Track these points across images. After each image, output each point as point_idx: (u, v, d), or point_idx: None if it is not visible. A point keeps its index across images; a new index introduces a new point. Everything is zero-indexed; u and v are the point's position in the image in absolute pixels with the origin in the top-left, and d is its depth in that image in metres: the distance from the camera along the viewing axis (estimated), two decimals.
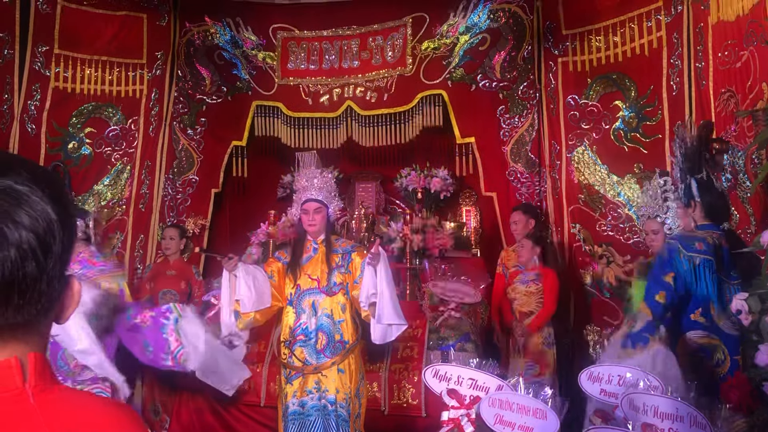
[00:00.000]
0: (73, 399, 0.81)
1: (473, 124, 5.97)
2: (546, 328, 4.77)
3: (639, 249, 5.17)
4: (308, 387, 3.61)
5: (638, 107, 5.23)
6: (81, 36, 6.01)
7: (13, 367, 0.74)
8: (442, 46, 6.04)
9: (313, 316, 3.66)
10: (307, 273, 3.73)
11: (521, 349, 4.75)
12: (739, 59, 4.07)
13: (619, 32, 5.34)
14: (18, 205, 0.72)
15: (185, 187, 6.23)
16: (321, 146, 6.25)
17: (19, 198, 0.73)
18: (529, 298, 4.79)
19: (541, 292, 4.76)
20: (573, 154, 5.56)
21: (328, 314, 3.66)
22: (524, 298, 4.80)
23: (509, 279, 4.98)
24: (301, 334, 3.66)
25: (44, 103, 5.84)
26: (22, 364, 0.75)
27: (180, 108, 6.31)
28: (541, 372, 4.61)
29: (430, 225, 5.66)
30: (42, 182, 0.75)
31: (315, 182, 3.80)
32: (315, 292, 3.70)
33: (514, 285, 4.88)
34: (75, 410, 0.78)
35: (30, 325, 0.77)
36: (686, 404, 2.35)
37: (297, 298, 3.72)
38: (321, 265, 3.74)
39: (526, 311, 4.78)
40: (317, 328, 3.65)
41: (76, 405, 0.80)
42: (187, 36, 6.37)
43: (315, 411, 3.57)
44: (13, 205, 0.72)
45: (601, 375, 2.91)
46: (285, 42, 6.39)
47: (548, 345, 4.75)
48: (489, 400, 2.61)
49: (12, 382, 0.74)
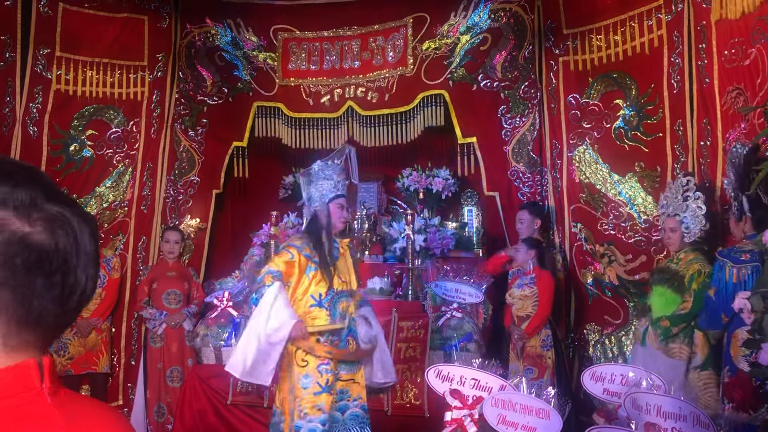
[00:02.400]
0: (79, 401, 0.83)
1: (475, 124, 5.97)
2: (544, 331, 4.78)
3: (640, 248, 5.17)
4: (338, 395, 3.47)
5: (639, 106, 5.23)
6: (82, 38, 6.01)
7: (32, 367, 0.77)
8: (443, 46, 6.04)
9: (344, 320, 3.53)
10: (338, 274, 3.58)
11: (519, 353, 4.75)
12: (747, 57, 4.07)
13: (619, 31, 5.34)
14: (85, 223, 0.80)
15: (186, 188, 6.24)
16: (322, 147, 6.25)
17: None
18: (525, 302, 4.79)
19: (537, 296, 4.77)
20: (574, 153, 5.56)
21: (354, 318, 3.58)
22: (520, 302, 4.81)
23: (509, 284, 5.00)
24: (337, 340, 3.51)
25: (46, 105, 5.84)
26: (39, 365, 0.78)
27: (181, 109, 6.32)
28: (539, 375, 4.61)
29: (431, 225, 5.67)
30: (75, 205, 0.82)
31: (342, 178, 3.70)
32: (346, 295, 3.58)
33: (512, 290, 4.90)
34: (84, 411, 0.82)
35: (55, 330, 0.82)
36: (689, 403, 2.36)
37: (330, 300, 3.52)
38: (347, 265, 3.67)
39: (523, 315, 4.79)
40: (348, 332, 3.53)
41: (83, 406, 0.83)
42: (188, 37, 6.37)
43: (352, 420, 3.45)
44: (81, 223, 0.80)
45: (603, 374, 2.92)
46: (286, 43, 6.39)
47: (546, 347, 4.76)
48: (492, 400, 2.62)
49: (32, 382, 0.77)
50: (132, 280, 5.93)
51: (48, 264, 0.76)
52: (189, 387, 4.86)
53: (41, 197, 0.77)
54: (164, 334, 5.31)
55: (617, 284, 5.26)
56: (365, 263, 5.70)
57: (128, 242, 6.01)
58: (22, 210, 0.75)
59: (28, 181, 0.77)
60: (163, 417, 5.29)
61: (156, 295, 5.42)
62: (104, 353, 5.54)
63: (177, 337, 5.33)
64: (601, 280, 5.35)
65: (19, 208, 0.75)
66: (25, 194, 0.76)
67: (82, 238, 0.79)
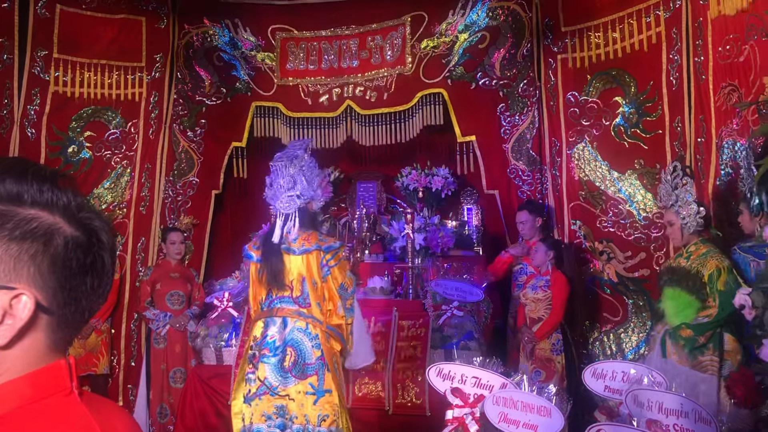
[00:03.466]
0: (94, 399, 0.86)
1: (474, 122, 5.96)
2: (554, 335, 4.76)
3: (640, 245, 5.17)
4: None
5: (638, 103, 5.23)
6: (80, 40, 6.00)
7: (63, 368, 0.80)
8: (442, 45, 6.03)
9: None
10: None
11: (529, 354, 4.74)
12: (741, 53, 4.07)
13: (618, 28, 5.33)
14: (108, 225, 0.85)
15: (185, 188, 6.23)
16: (321, 146, 6.25)
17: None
18: (538, 305, 4.78)
19: (550, 299, 4.75)
20: (573, 150, 5.55)
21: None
22: (533, 305, 4.80)
23: (523, 284, 4.99)
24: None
25: (44, 107, 5.83)
26: (68, 365, 0.80)
27: (180, 110, 6.31)
28: (547, 378, 4.59)
29: (431, 224, 5.66)
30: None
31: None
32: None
33: (525, 291, 4.89)
34: (105, 410, 0.84)
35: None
36: (691, 400, 2.35)
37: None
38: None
39: (535, 317, 4.78)
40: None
41: (102, 405, 0.86)
42: (186, 38, 6.36)
43: None
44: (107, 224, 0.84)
45: (605, 372, 2.91)
46: (284, 42, 6.38)
47: (556, 352, 4.74)
48: (493, 398, 2.61)
49: (65, 382, 0.79)
50: (131, 282, 5.92)
51: (100, 265, 0.80)
52: (190, 387, 4.85)
53: (80, 200, 0.80)
54: (167, 335, 5.31)
55: (616, 281, 5.26)
56: (365, 263, 5.70)
57: (127, 243, 6.01)
58: (69, 214, 0.78)
59: (67, 185, 0.80)
60: (166, 418, 5.29)
61: (159, 297, 5.41)
62: (104, 354, 5.54)
63: (180, 338, 5.32)
64: (600, 277, 5.34)
65: (65, 212, 0.77)
66: (67, 198, 0.78)
67: (113, 239, 0.83)
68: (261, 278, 3.46)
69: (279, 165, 3.50)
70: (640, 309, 5.18)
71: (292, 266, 3.42)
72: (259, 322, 3.44)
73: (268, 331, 3.37)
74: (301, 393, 3.28)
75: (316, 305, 3.39)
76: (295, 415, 3.25)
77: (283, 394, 3.28)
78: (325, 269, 3.41)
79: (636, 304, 5.20)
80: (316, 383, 3.29)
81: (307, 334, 3.34)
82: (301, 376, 3.28)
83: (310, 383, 3.29)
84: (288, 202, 3.41)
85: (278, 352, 3.32)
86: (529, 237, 5.27)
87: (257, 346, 3.37)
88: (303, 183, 3.47)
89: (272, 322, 3.39)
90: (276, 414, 3.25)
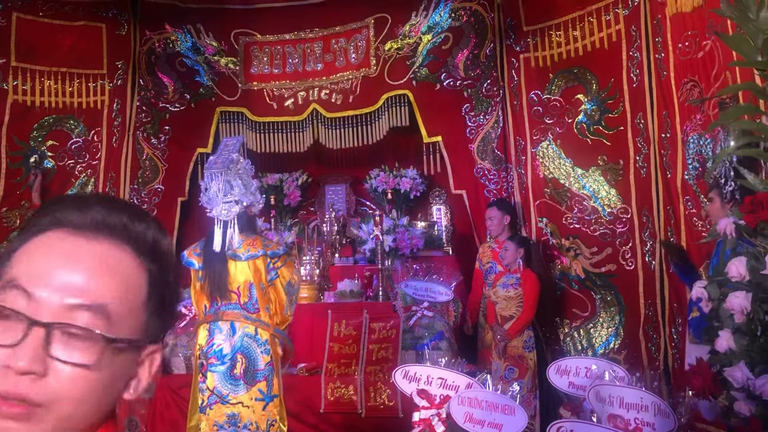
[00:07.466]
0: None
1: (439, 122, 5.98)
2: (526, 332, 4.80)
3: (605, 240, 5.23)
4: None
5: (600, 100, 5.29)
6: (39, 47, 5.89)
7: None
8: (405, 47, 6.05)
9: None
10: None
11: (501, 352, 4.77)
12: (701, 49, 4.13)
13: (578, 27, 5.39)
14: None
15: (151, 196, 6.15)
16: (288, 150, 6.23)
17: None
18: (509, 303, 4.81)
19: (521, 297, 4.78)
20: (538, 148, 5.60)
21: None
22: (504, 303, 4.83)
23: (493, 282, 5.01)
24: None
25: (3, 117, 5.72)
26: None
27: (143, 117, 6.23)
28: (520, 375, 4.63)
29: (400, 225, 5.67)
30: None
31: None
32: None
33: (496, 289, 4.91)
34: None
35: None
36: (650, 393, 2.39)
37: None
38: None
39: (506, 315, 4.80)
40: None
41: None
42: (148, 44, 6.28)
43: None
44: None
45: (569, 368, 2.94)
46: (247, 47, 6.34)
47: (528, 348, 4.77)
48: (458, 398, 2.62)
49: None
50: None
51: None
52: (159, 398, 4.79)
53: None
54: None
55: (584, 277, 5.31)
56: (335, 266, 5.69)
57: None
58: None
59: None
60: (137, 430, 5.21)
61: None
62: None
63: None
64: (568, 273, 5.40)
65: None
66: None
67: None
68: (203, 286, 3.41)
69: (214, 170, 3.43)
70: (608, 304, 5.24)
71: (237, 272, 3.39)
72: (203, 329, 3.41)
73: (215, 339, 3.35)
74: (252, 399, 3.29)
75: (265, 309, 3.39)
76: (250, 422, 3.25)
77: (235, 402, 3.27)
78: (273, 272, 3.40)
79: (604, 299, 5.26)
80: (265, 389, 3.31)
81: (257, 340, 3.34)
82: (251, 382, 3.29)
83: (260, 389, 3.31)
84: (227, 209, 3.36)
85: (227, 360, 3.30)
86: (497, 234, 5.31)
87: (203, 355, 3.36)
88: (240, 188, 3.40)
89: (218, 329, 3.37)
90: (228, 422, 3.23)
